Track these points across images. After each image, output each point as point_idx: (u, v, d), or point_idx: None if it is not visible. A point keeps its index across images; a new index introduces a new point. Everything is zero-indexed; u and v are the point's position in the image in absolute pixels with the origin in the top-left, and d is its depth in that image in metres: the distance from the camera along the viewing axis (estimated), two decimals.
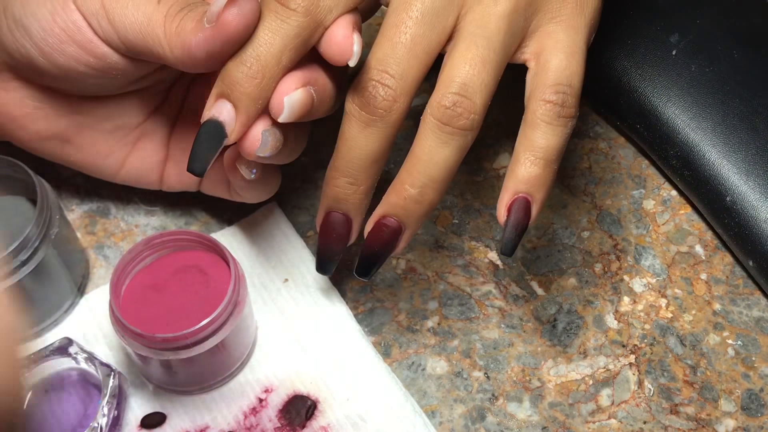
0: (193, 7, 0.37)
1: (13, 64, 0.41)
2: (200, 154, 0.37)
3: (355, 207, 0.40)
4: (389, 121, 0.38)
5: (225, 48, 0.36)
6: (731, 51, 0.49)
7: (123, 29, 0.38)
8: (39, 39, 0.39)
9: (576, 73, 0.39)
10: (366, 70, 0.38)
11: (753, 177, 0.46)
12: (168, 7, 0.38)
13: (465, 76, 0.37)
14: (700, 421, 0.43)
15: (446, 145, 0.38)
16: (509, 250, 0.39)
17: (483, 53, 0.38)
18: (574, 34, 0.39)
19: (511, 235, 0.39)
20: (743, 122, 0.47)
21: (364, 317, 0.46)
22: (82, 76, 0.40)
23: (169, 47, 0.37)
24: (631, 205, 0.49)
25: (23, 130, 0.43)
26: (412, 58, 0.38)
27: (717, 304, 0.46)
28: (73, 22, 0.39)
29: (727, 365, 0.44)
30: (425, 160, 0.38)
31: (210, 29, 0.36)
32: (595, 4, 0.40)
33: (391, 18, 0.38)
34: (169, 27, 0.37)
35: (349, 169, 0.39)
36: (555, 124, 0.38)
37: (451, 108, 0.37)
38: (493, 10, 0.38)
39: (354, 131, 0.38)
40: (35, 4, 0.39)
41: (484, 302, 0.46)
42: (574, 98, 0.39)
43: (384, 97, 0.38)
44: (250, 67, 0.36)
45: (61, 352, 0.41)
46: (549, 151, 0.38)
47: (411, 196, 0.38)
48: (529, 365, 0.44)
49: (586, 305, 0.46)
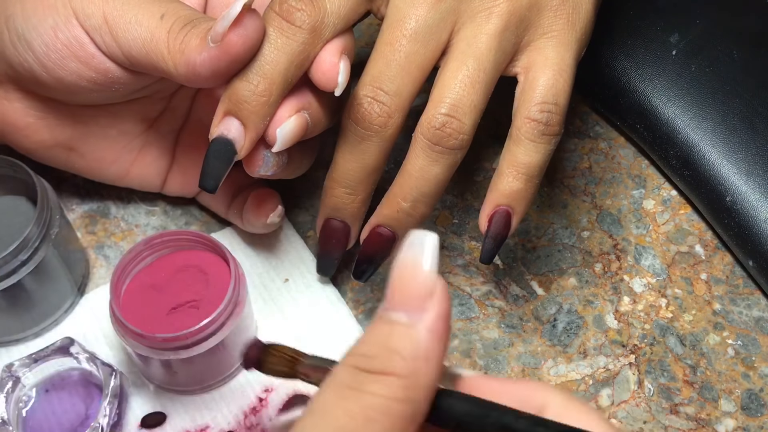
0: (197, 23, 0.37)
1: (15, 76, 0.41)
2: (212, 171, 0.37)
3: (352, 215, 0.42)
4: (384, 136, 0.39)
5: (230, 67, 0.37)
6: (731, 51, 0.49)
7: (126, 45, 0.38)
8: (41, 54, 0.39)
9: (562, 91, 0.40)
10: (361, 86, 0.39)
11: (753, 177, 0.46)
12: (171, 23, 0.37)
13: (455, 97, 0.38)
14: (700, 421, 0.43)
15: (436, 163, 0.39)
16: (488, 259, 0.41)
17: (473, 74, 0.38)
18: (564, 51, 0.40)
19: (490, 245, 0.41)
20: (743, 122, 0.47)
21: (364, 317, 0.46)
22: (84, 90, 0.40)
23: (173, 64, 0.37)
24: (631, 205, 0.49)
25: (27, 139, 0.43)
26: (406, 75, 0.39)
27: (717, 304, 0.46)
28: (75, 38, 0.39)
29: (727, 365, 0.44)
30: (416, 177, 0.39)
31: (215, 49, 0.36)
32: (587, 19, 0.41)
33: (385, 35, 0.39)
34: (173, 44, 0.37)
35: (347, 181, 0.41)
36: (538, 141, 0.39)
37: (441, 129, 0.38)
38: (485, 28, 0.39)
39: (350, 145, 0.40)
40: (37, 19, 0.39)
41: (484, 302, 0.46)
42: (559, 116, 0.40)
43: (379, 114, 0.39)
44: (257, 86, 0.37)
45: (63, 352, 0.41)
46: (531, 167, 0.40)
47: (403, 209, 0.40)
48: (529, 365, 0.44)
49: (586, 305, 0.46)
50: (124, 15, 0.38)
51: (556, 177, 0.50)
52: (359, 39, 0.55)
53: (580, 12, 0.40)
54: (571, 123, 0.52)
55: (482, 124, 0.40)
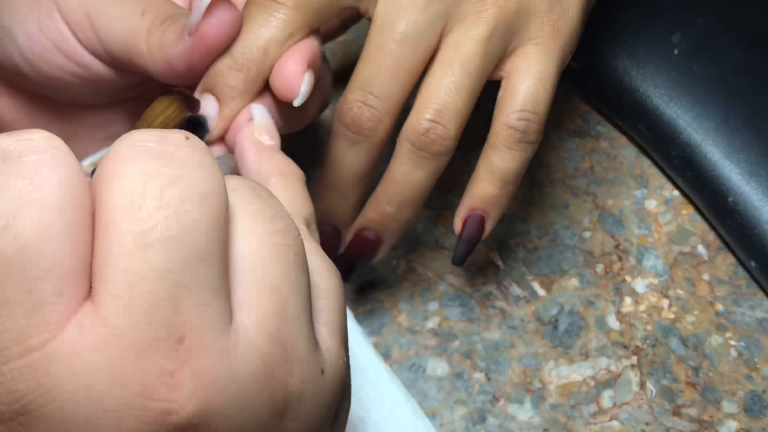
0: (177, 18, 0.36)
1: (0, 71, 0.41)
2: None
3: (343, 219, 0.42)
4: (375, 140, 0.39)
5: (204, 59, 0.36)
6: (733, 50, 0.49)
7: (107, 41, 0.37)
8: (25, 48, 0.38)
9: (542, 100, 0.39)
10: (351, 90, 0.39)
11: (756, 177, 0.46)
12: (151, 20, 0.37)
13: (440, 103, 0.38)
14: (702, 422, 0.42)
15: (420, 168, 0.39)
16: (460, 261, 0.42)
17: (458, 80, 0.38)
18: (547, 59, 0.40)
19: (463, 248, 0.41)
20: (746, 122, 0.47)
21: (364, 318, 0.45)
22: (69, 86, 0.40)
23: (152, 60, 0.36)
24: (633, 205, 0.49)
25: None
26: (396, 79, 0.38)
27: (720, 305, 0.46)
28: (59, 32, 0.38)
29: (730, 366, 0.44)
30: (401, 181, 0.39)
31: (189, 42, 0.35)
32: (573, 27, 0.41)
33: (374, 39, 0.39)
34: (152, 40, 0.36)
35: (338, 185, 0.41)
36: (515, 149, 0.39)
37: (425, 134, 0.38)
38: (472, 33, 0.39)
39: (341, 150, 0.40)
40: (23, 13, 0.38)
41: (485, 303, 0.46)
42: (538, 124, 0.39)
43: (369, 118, 0.38)
44: (235, 61, 0.36)
45: None
46: (507, 173, 0.40)
47: (388, 213, 0.40)
48: (531, 366, 0.44)
49: (587, 306, 0.46)
50: (105, 11, 0.37)
51: (558, 177, 0.50)
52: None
53: (567, 19, 0.40)
54: (572, 122, 0.52)
55: (483, 125, 0.40)
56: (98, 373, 0.21)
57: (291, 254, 0.25)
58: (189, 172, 0.23)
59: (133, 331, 0.21)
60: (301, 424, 0.25)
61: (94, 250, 0.22)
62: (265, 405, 0.23)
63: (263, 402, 0.23)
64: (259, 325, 0.24)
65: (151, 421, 0.22)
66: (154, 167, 0.23)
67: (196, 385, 0.22)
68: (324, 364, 0.26)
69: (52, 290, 0.21)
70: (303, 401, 0.25)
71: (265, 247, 0.25)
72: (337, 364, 0.27)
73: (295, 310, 0.25)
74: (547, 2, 0.39)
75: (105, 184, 0.23)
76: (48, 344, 0.21)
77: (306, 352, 0.25)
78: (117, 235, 0.22)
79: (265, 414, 0.24)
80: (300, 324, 0.25)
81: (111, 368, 0.21)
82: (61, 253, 0.22)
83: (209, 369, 0.22)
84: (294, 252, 0.25)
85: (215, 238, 0.23)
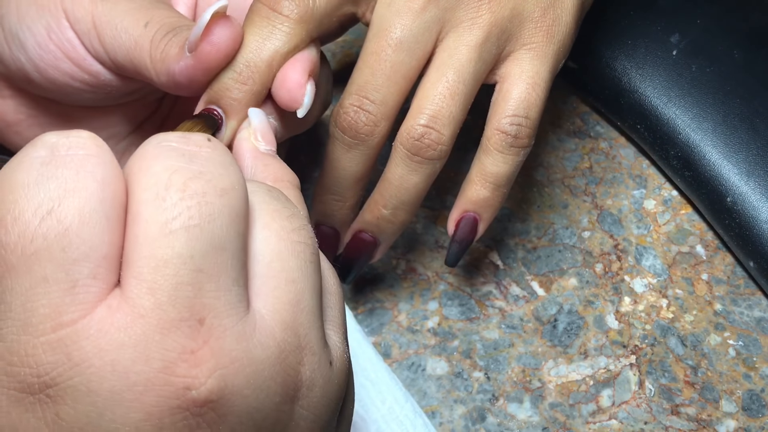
0: (179, 30, 0.37)
1: (7, 74, 0.41)
2: None
3: (341, 221, 0.42)
4: (371, 144, 0.40)
5: (206, 76, 0.36)
6: (732, 51, 0.49)
7: (112, 51, 0.38)
8: (34, 54, 0.39)
9: (534, 105, 0.40)
10: (347, 95, 0.39)
11: (754, 178, 0.46)
12: (154, 32, 0.37)
13: (434, 109, 0.39)
14: (701, 421, 0.42)
15: (415, 173, 0.40)
16: (453, 262, 0.42)
17: (452, 85, 0.39)
18: (540, 64, 0.40)
19: (456, 249, 0.42)
20: (744, 122, 0.47)
21: (364, 317, 0.46)
22: (76, 91, 0.40)
23: (155, 72, 0.37)
24: (631, 205, 0.49)
25: (19, 135, 0.43)
26: (391, 84, 0.39)
27: (718, 305, 0.46)
28: (68, 40, 0.38)
29: (728, 366, 0.44)
30: (396, 185, 0.40)
31: (190, 59, 0.36)
32: (566, 32, 0.41)
33: (370, 44, 0.39)
34: (155, 53, 0.37)
35: (335, 188, 0.41)
36: (507, 153, 0.40)
37: (419, 140, 0.39)
38: (466, 38, 0.39)
39: (338, 153, 0.40)
40: (31, 19, 0.39)
41: (484, 302, 0.46)
42: (530, 129, 0.40)
43: (365, 123, 0.39)
44: (240, 74, 0.37)
45: None
46: (499, 177, 0.40)
47: (384, 216, 0.41)
48: (530, 366, 0.44)
49: (586, 305, 0.46)
50: (111, 21, 0.38)
51: (557, 177, 0.50)
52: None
53: (560, 25, 0.41)
54: (571, 123, 0.52)
55: (483, 126, 0.40)
56: (124, 349, 0.22)
57: (307, 252, 0.27)
58: (210, 169, 0.24)
59: (156, 312, 0.23)
60: (311, 412, 0.26)
61: (124, 240, 0.24)
62: (279, 389, 0.25)
63: (277, 386, 0.25)
64: (275, 314, 0.25)
65: (172, 396, 0.23)
66: (178, 163, 0.24)
67: (215, 364, 0.23)
68: (332, 357, 0.27)
69: (88, 273, 0.23)
70: (313, 389, 0.26)
71: (282, 243, 0.26)
72: (342, 359, 0.28)
73: (309, 303, 0.26)
74: (541, 8, 0.40)
75: (133, 179, 0.24)
76: (79, 322, 0.23)
77: (317, 344, 0.26)
78: (143, 224, 0.23)
79: (278, 398, 0.25)
80: (312, 318, 0.26)
81: (136, 345, 0.22)
82: (99, 240, 0.23)
83: (228, 349, 0.23)
84: (310, 251, 0.27)
85: (235, 231, 0.24)
